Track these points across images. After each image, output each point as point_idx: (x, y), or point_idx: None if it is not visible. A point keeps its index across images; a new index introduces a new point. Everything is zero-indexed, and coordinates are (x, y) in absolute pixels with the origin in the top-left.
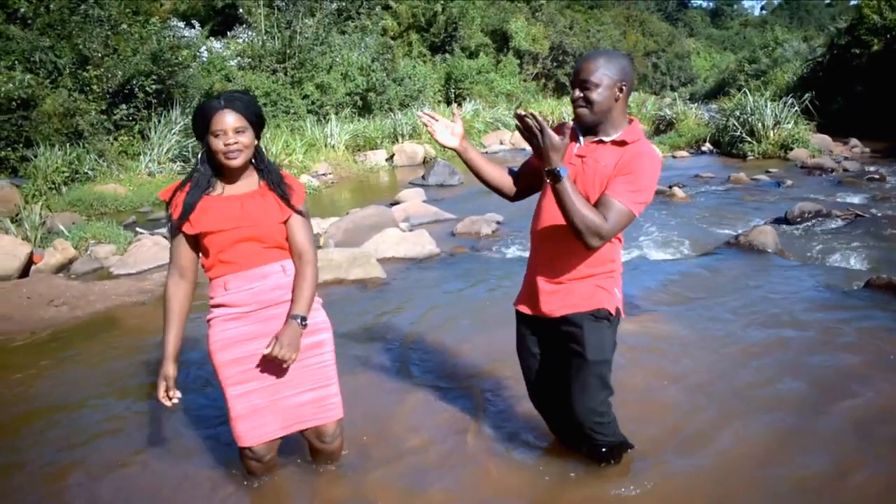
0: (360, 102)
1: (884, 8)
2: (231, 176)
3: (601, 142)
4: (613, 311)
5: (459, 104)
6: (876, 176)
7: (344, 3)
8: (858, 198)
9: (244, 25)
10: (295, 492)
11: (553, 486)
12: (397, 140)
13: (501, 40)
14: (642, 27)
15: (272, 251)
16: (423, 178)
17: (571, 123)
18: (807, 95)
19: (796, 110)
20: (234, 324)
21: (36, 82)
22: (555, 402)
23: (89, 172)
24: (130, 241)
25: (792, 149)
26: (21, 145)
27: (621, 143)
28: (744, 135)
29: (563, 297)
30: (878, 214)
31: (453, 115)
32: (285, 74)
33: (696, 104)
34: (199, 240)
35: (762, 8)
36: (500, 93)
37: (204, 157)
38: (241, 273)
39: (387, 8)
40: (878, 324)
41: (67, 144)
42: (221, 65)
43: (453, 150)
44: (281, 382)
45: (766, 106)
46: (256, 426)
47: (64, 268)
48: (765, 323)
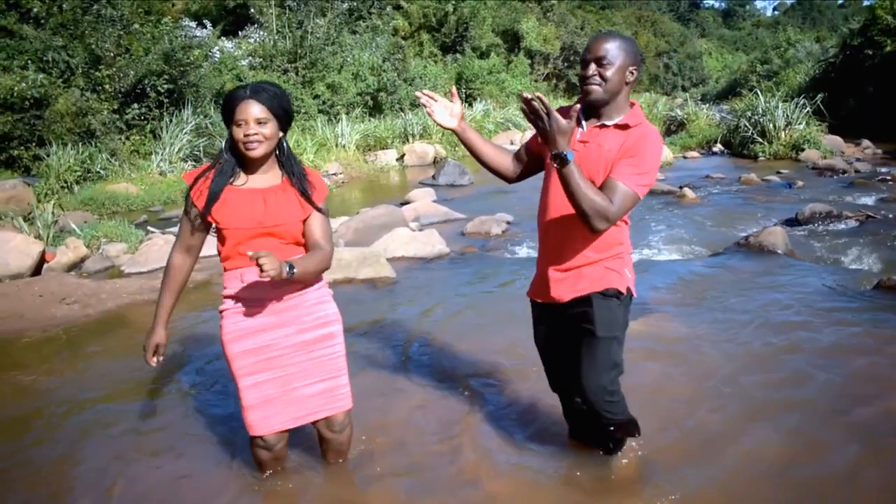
0: (370, 102)
1: None
2: (252, 167)
3: (604, 126)
4: (624, 291)
5: (470, 104)
6: (888, 177)
7: (355, 3)
8: (870, 199)
9: (255, 25)
10: (301, 490)
11: (560, 485)
12: (408, 140)
13: (512, 40)
14: (654, 27)
15: (289, 247)
16: (434, 177)
17: (578, 107)
18: (818, 96)
19: (808, 111)
20: (247, 315)
21: (48, 82)
22: (569, 385)
23: (101, 171)
24: (142, 240)
25: (803, 150)
26: (34, 144)
27: (624, 127)
28: (755, 136)
29: (573, 282)
30: (890, 216)
31: (451, 96)
32: (296, 74)
33: (708, 105)
34: (217, 227)
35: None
36: (511, 93)
37: (227, 145)
38: (256, 267)
39: (398, 8)
40: (888, 325)
41: (80, 144)
42: (233, 64)
43: (451, 130)
44: (292, 373)
45: (778, 107)
46: (268, 416)
47: (76, 266)
48: (774, 324)
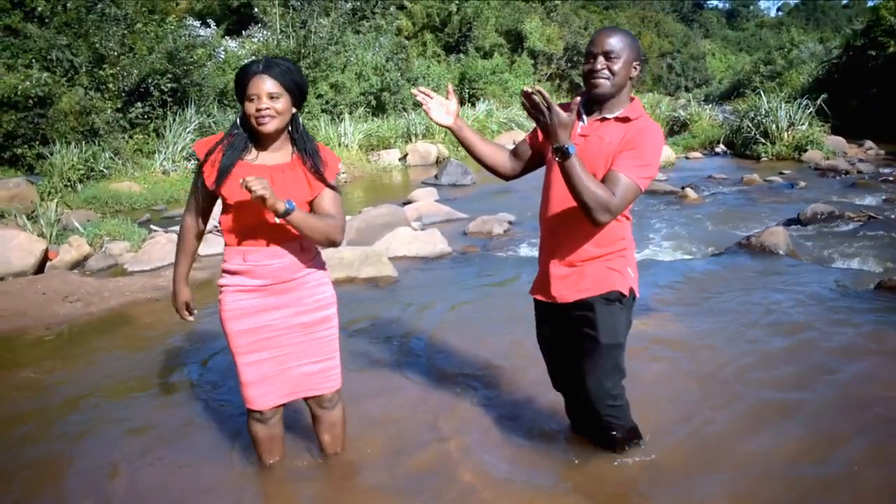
0: (373, 102)
1: None
2: (264, 142)
3: (605, 119)
4: (626, 293)
5: (473, 104)
6: (890, 178)
7: (359, 3)
8: (872, 200)
9: (259, 25)
10: (303, 489)
11: (562, 485)
12: (410, 140)
13: (516, 40)
14: (657, 28)
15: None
16: (436, 177)
17: (578, 100)
18: (821, 97)
19: (811, 112)
20: (247, 295)
21: (52, 80)
22: (572, 386)
23: (104, 170)
24: (145, 239)
25: (806, 150)
26: (37, 143)
27: (625, 120)
28: (758, 136)
29: (575, 281)
30: (892, 216)
31: (448, 93)
32: None
33: (711, 105)
34: (223, 199)
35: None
36: (515, 93)
37: (241, 120)
38: (261, 248)
39: (401, 8)
40: (889, 325)
41: (83, 142)
42: (236, 64)
43: (448, 128)
44: (289, 353)
45: (781, 107)
46: (265, 393)
47: (79, 264)
48: (775, 324)
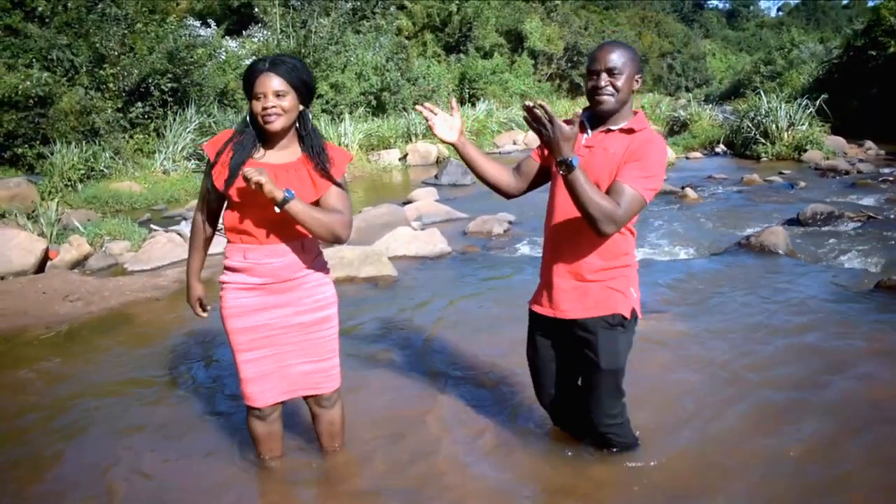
0: (374, 102)
1: None
2: (272, 141)
3: (609, 131)
4: (629, 315)
5: (473, 104)
6: (890, 178)
7: (359, 3)
8: (872, 200)
9: (259, 24)
10: (304, 486)
11: (564, 480)
12: (411, 140)
13: (516, 40)
14: (658, 28)
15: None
16: (436, 177)
17: (580, 112)
18: (822, 97)
19: (811, 112)
20: (248, 293)
21: (53, 80)
22: (564, 401)
23: (105, 170)
24: (145, 238)
25: (806, 150)
26: (38, 142)
27: (629, 131)
28: (758, 136)
29: (578, 298)
30: (891, 216)
31: (451, 109)
32: None
33: (711, 105)
34: (228, 197)
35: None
36: (515, 93)
37: (249, 119)
38: (262, 246)
39: (402, 8)
40: (888, 325)
41: (83, 142)
42: (236, 63)
43: (451, 144)
44: (288, 352)
45: (781, 107)
46: (264, 390)
47: (79, 264)
48: (774, 325)
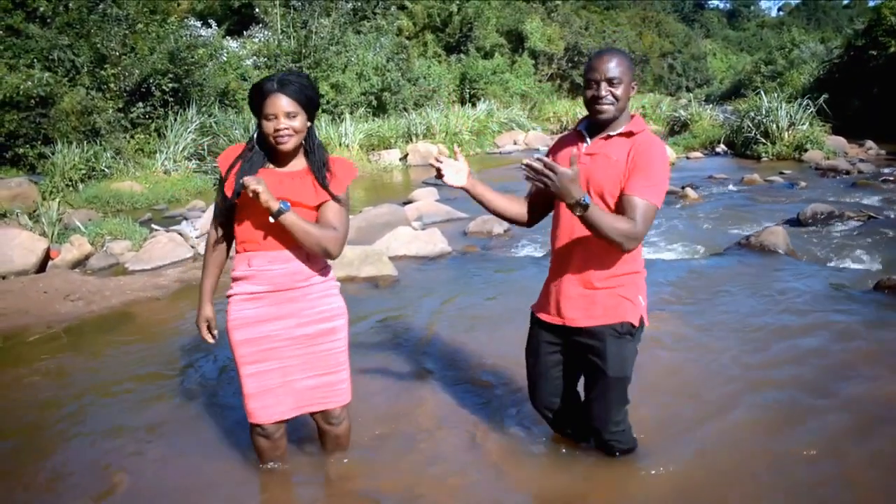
0: (374, 102)
1: None
2: (282, 158)
3: (609, 137)
4: (637, 323)
5: (474, 104)
6: (891, 178)
7: (359, 3)
8: (872, 199)
9: (260, 25)
10: (304, 485)
11: (564, 484)
12: (411, 140)
13: (517, 41)
14: (658, 28)
15: None
16: (436, 177)
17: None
18: (822, 97)
19: (811, 112)
20: (250, 304)
21: (54, 80)
22: (563, 406)
23: (106, 170)
24: (146, 238)
25: (806, 150)
26: (39, 142)
27: (629, 134)
28: (758, 136)
29: (587, 306)
30: (892, 216)
31: (455, 154)
32: None
33: (712, 105)
34: (235, 205)
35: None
36: (515, 93)
37: (255, 137)
38: (265, 253)
39: (402, 8)
40: (888, 325)
41: (85, 142)
42: (237, 64)
43: (462, 188)
44: (293, 365)
45: (781, 107)
46: (267, 405)
47: (80, 263)
48: (774, 325)
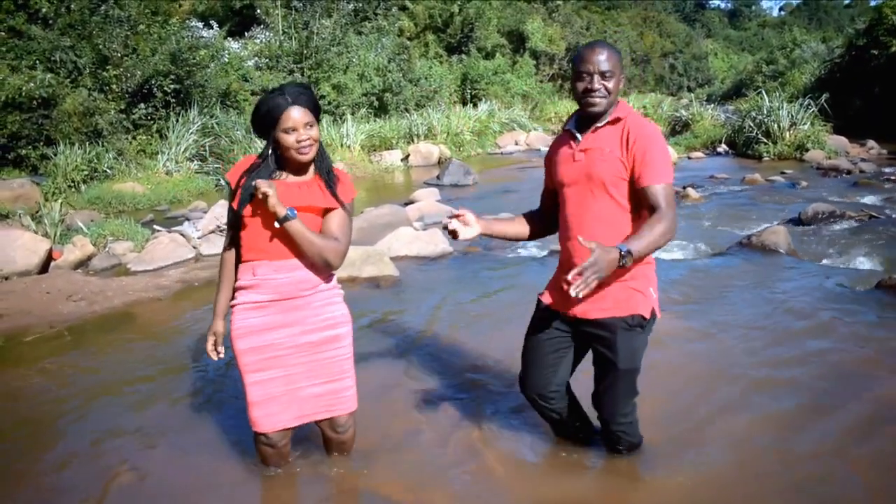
0: (376, 103)
1: None
2: (298, 169)
3: (597, 128)
4: (648, 315)
5: (475, 105)
6: (892, 177)
7: (361, 4)
8: (874, 199)
9: (262, 26)
10: (305, 485)
11: (566, 486)
12: (412, 140)
13: (518, 41)
14: (659, 28)
15: None
16: (438, 177)
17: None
18: (824, 96)
19: (813, 111)
20: (255, 313)
21: (56, 82)
22: (555, 393)
23: (108, 171)
24: (148, 239)
25: (808, 150)
26: (41, 144)
27: (616, 121)
28: (759, 136)
29: (598, 298)
30: (893, 215)
31: (457, 216)
32: (302, 75)
33: (713, 105)
34: (241, 218)
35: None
36: (517, 94)
37: (268, 152)
38: (270, 262)
39: (403, 9)
40: (888, 324)
41: (87, 143)
42: (239, 65)
43: (479, 235)
44: (297, 373)
45: (783, 107)
46: (271, 414)
47: (82, 264)
48: (775, 325)
